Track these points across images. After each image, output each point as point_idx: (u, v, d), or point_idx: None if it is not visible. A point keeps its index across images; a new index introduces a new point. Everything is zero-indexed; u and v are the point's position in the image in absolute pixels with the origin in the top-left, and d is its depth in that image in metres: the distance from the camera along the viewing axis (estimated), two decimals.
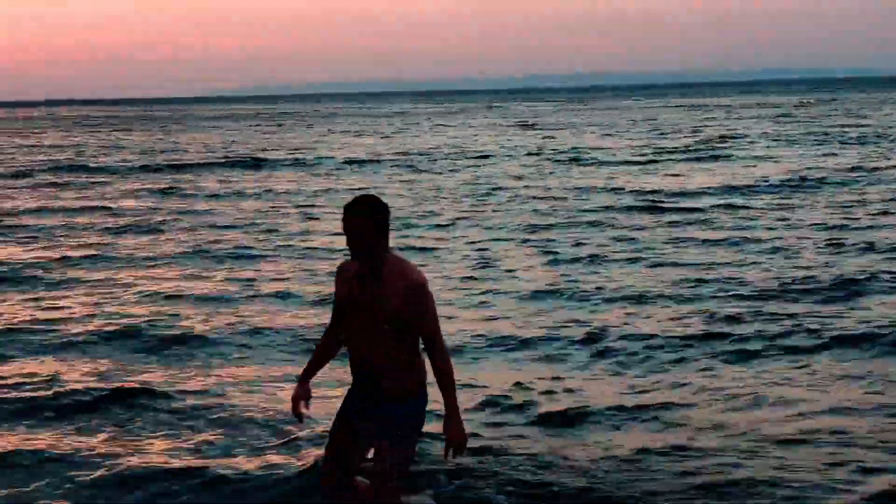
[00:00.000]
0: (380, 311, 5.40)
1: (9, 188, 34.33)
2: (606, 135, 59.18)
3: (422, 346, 5.64)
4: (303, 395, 5.80)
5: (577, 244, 19.15)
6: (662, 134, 57.74)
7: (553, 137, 58.00)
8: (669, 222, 21.95)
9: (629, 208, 24.58)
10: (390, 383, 5.55)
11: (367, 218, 5.35)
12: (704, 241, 19.16)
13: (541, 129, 70.01)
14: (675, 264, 16.75)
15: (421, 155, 45.89)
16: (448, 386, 5.52)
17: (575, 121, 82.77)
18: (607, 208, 24.67)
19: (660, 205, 25.01)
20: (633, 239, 19.67)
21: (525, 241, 19.96)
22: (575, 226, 21.80)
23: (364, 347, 5.54)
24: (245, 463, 7.76)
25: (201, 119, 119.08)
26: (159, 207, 27.39)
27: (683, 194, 27.36)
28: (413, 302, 5.36)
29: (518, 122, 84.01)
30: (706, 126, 65.26)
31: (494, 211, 24.99)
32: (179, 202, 28.78)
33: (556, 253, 18.22)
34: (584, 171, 36.25)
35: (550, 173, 35.39)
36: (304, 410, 5.83)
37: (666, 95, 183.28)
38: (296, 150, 51.96)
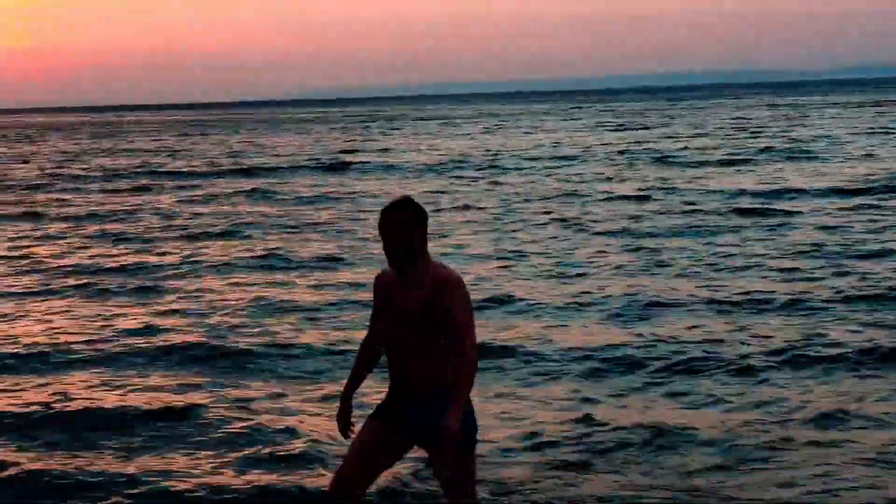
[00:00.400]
0: (413, 304, 5.30)
1: (101, 191, 34.80)
2: (697, 134, 58.36)
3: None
4: (346, 412, 5.68)
5: (668, 248, 18.69)
6: (754, 133, 56.73)
7: (642, 137, 57.38)
8: (763, 225, 21.34)
9: (722, 211, 24.02)
10: (426, 381, 5.38)
11: (406, 219, 5.29)
12: (799, 244, 18.58)
13: (629, 128, 69.36)
14: (769, 269, 16.24)
15: (509, 156, 45.63)
16: (463, 379, 5.24)
17: (664, 120, 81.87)
18: (697, 211, 24.13)
19: (753, 207, 24.40)
20: (726, 244, 19.13)
21: (615, 244, 19.56)
22: (666, 229, 21.32)
23: (401, 348, 5.41)
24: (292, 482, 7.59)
25: (289, 122, 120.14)
26: (246, 211, 27.47)
27: (778, 195, 26.70)
28: (447, 294, 5.24)
29: (606, 121, 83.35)
30: (799, 125, 64.08)
31: (584, 213, 24.60)
32: (265, 206, 28.83)
33: (647, 257, 17.80)
34: (674, 171, 35.69)
35: (641, 174, 34.89)
36: (346, 427, 5.70)
37: (755, 94, 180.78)
38: (383, 152, 52.02)
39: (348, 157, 47.99)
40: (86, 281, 17.00)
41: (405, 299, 5.33)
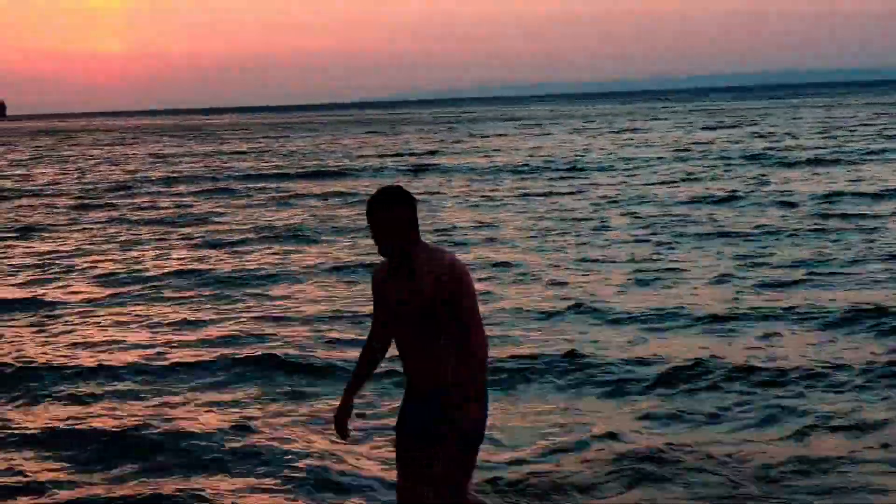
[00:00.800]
0: (416, 300, 5.15)
1: (188, 193, 35.12)
2: (791, 133, 57.30)
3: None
4: (342, 411, 5.58)
5: (762, 252, 18.12)
6: (850, 132, 55.50)
7: (734, 136, 56.53)
8: (859, 228, 20.60)
9: (816, 212, 23.36)
10: (426, 381, 5.26)
11: (405, 217, 5.20)
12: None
13: (721, 127, 68.41)
14: (866, 274, 15.64)
15: (597, 157, 45.20)
16: (472, 370, 5.10)
17: (756, 118, 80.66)
18: (790, 214, 23.47)
19: (849, 209, 23.66)
20: (821, 247, 18.47)
21: (705, 247, 19.05)
22: (759, 231, 20.71)
23: (399, 347, 5.33)
24: None
25: (375, 123, 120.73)
26: (331, 214, 27.48)
27: (875, 196, 25.89)
28: (450, 281, 5.09)
29: (697, 121, 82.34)
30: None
31: (672, 215, 24.10)
32: (350, 209, 28.78)
33: (738, 262, 17.27)
34: (767, 170, 35.06)
35: (734, 174, 34.26)
36: (348, 427, 5.66)
37: (850, 93, 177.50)
38: (469, 153, 51.88)
39: (433, 159, 47.95)
40: (170, 286, 17.03)
41: (401, 298, 5.22)
